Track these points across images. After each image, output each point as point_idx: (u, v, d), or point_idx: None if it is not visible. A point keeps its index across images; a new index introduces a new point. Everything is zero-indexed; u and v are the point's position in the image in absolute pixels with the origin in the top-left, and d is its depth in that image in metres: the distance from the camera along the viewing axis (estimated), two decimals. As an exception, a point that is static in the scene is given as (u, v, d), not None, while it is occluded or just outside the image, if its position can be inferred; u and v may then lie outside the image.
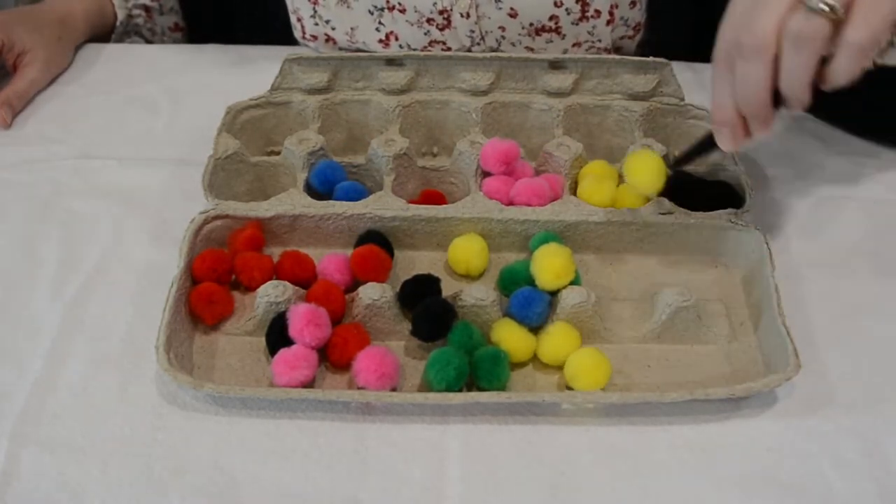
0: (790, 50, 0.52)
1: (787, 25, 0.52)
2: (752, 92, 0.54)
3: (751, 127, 0.57)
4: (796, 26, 0.51)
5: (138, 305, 0.64)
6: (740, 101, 0.56)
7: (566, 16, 0.82)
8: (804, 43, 0.51)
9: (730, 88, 0.56)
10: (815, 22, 0.51)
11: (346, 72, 0.77)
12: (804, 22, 0.51)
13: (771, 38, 0.52)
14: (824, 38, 0.51)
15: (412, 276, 0.63)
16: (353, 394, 0.56)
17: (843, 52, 0.51)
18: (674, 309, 0.60)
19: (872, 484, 0.54)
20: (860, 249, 0.70)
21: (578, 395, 0.57)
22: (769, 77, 0.53)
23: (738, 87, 0.55)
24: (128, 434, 0.56)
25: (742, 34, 0.53)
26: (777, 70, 0.53)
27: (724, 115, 0.57)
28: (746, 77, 0.54)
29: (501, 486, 0.54)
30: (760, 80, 0.53)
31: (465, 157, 0.71)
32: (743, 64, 0.54)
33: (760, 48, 0.52)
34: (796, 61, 0.52)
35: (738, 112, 0.56)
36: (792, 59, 0.52)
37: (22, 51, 0.85)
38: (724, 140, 0.58)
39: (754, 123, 0.56)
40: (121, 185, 0.75)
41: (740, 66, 0.54)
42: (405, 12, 0.82)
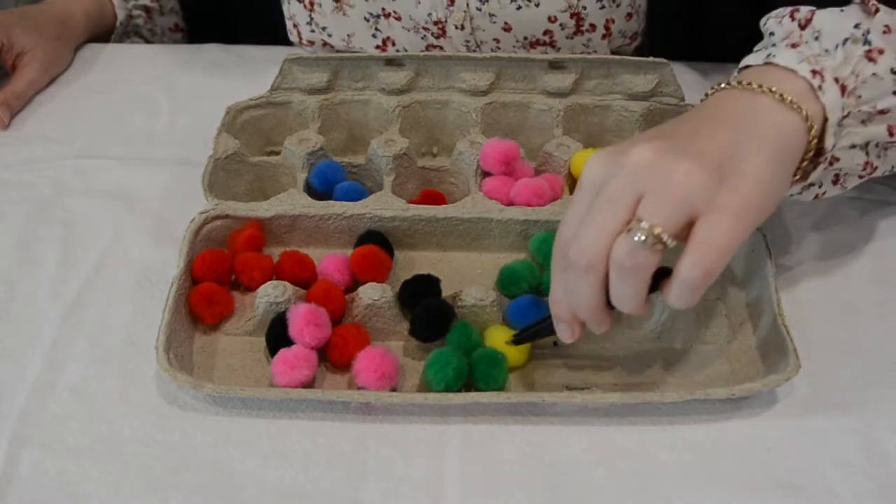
0: (615, 276, 0.48)
1: (613, 251, 0.48)
2: (581, 303, 0.51)
3: (588, 325, 0.53)
4: (621, 256, 0.47)
5: (138, 305, 0.64)
6: (571, 307, 0.52)
7: (560, 30, 0.81)
8: (627, 274, 0.48)
9: (563, 290, 0.53)
10: (640, 255, 0.47)
11: (345, 72, 0.77)
12: (629, 254, 0.47)
13: (597, 260, 0.48)
14: (650, 268, 0.48)
15: (412, 276, 0.63)
16: (353, 394, 0.56)
17: (676, 283, 0.48)
18: (674, 309, 0.60)
19: (872, 484, 0.54)
20: (860, 249, 0.70)
21: (578, 395, 0.57)
22: (597, 293, 0.50)
23: (568, 296, 0.52)
24: (128, 434, 0.56)
25: (572, 247, 0.50)
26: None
27: (559, 311, 0.54)
28: (575, 290, 0.51)
29: (501, 486, 0.54)
30: (588, 295, 0.50)
31: (465, 157, 0.71)
32: (572, 277, 0.51)
33: (587, 268, 0.49)
34: (624, 288, 0.49)
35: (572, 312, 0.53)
36: (618, 284, 0.49)
37: (21, 51, 0.85)
38: (563, 334, 0.55)
39: (590, 325, 0.53)
40: (121, 185, 0.75)
41: (569, 278, 0.51)
42: (401, 20, 0.82)
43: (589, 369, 0.61)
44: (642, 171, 0.48)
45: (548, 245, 0.65)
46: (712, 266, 0.47)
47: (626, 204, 0.48)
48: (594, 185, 0.50)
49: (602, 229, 0.48)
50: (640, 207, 0.48)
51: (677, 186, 0.47)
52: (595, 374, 0.60)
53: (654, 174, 0.48)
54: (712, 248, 0.47)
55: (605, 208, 0.49)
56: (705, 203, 0.47)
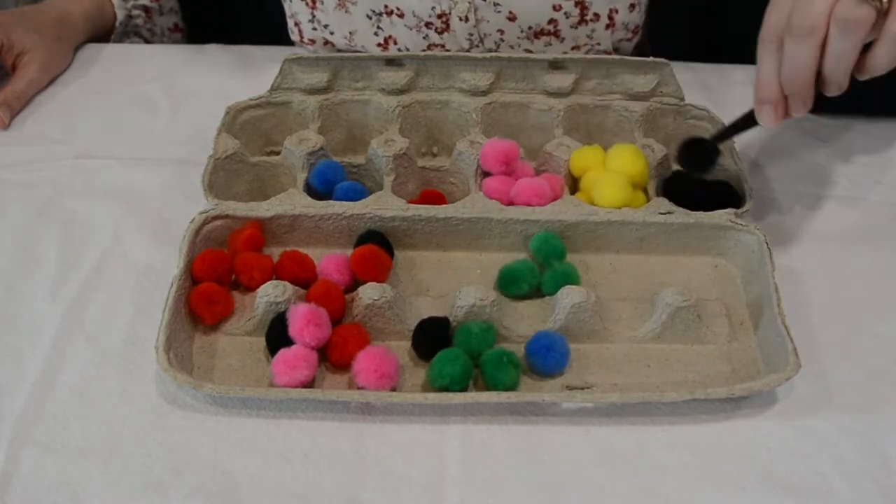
0: (837, 34, 0.55)
1: (836, 11, 0.54)
2: (798, 72, 0.57)
3: (791, 106, 0.60)
4: (845, 13, 0.54)
5: (138, 305, 0.64)
6: (785, 80, 0.58)
7: (565, 19, 0.82)
8: (851, 29, 0.54)
9: (776, 67, 0.59)
10: (863, 10, 0.54)
11: (345, 72, 0.77)
12: (852, 9, 0.54)
13: (822, 21, 0.55)
14: (869, 25, 0.54)
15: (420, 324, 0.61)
16: (353, 394, 0.56)
17: (884, 41, 0.55)
18: (674, 309, 0.60)
19: (872, 484, 0.54)
20: (860, 249, 0.70)
21: (578, 394, 0.57)
22: (816, 58, 0.56)
23: (786, 66, 0.58)
24: (128, 434, 0.56)
25: (794, 16, 0.56)
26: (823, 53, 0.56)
27: (769, 92, 0.60)
28: (795, 57, 0.57)
29: (501, 486, 0.54)
30: (808, 60, 0.56)
31: (465, 157, 0.71)
32: (792, 44, 0.57)
33: (812, 30, 0.55)
34: (842, 46, 0.55)
35: (781, 90, 0.59)
36: (838, 43, 0.55)
37: (21, 51, 0.85)
38: (766, 117, 0.61)
39: (796, 102, 0.59)
40: (121, 185, 0.75)
41: (789, 47, 0.57)
42: (403, 16, 0.82)
43: (589, 369, 0.61)
44: None
45: (548, 245, 0.65)
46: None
47: None
48: None
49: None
50: None
51: None
52: (595, 374, 0.60)
53: None
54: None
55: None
56: None
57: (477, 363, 0.59)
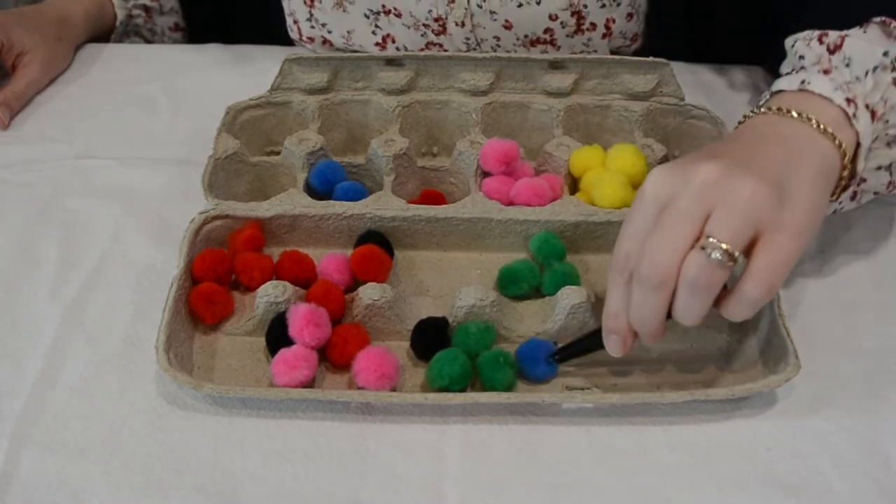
0: (686, 291, 0.50)
1: (686, 267, 0.49)
2: (646, 317, 0.52)
3: (641, 338, 0.54)
4: (694, 273, 0.49)
5: (138, 305, 0.64)
6: (633, 320, 0.53)
7: (561, 29, 0.81)
8: (700, 290, 0.49)
9: (624, 301, 0.53)
10: (714, 272, 0.48)
11: (345, 72, 0.77)
12: (702, 271, 0.48)
13: (671, 275, 0.49)
14: (720, 284, 0.49)
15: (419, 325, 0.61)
16: (353, 394, 0.56)
17: (737, 299, 0.50)
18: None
19: (872, 484, 0.54)
20: (860, 249, 0.70)
21: (578, 394, 0.57)
22: (665, 306, 0.51)
23: (633, 309, 0.52)
24: (128, 434, 0.56)
25: (643, 264, 0.50)
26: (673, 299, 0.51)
27: (616, 324, 0.54)
28: (642, 304, 0.51)
29: (501, 486, 0.54)
30: (655, 310, 0.51)
31: (465, 157, 0.71)
32: (640, 292, 0.51)
33: (660, 284, 0.50)
34: (691, 302, 0.50)
35: (629, 324, 0.53)
36: (687, 299, 0.50)
37: (21, 51, 0.85)
38: (613, 347, 0.55)
39: (645, 337, 0.54)
40: (121, 185, 0.75)
41: (638, 292, 0.51)
42: (401, 16, 0.82)
43: (589, 369, 0.61)
44: (711, 186, 0.49)
45: (548, 245, 0.65)
46: (774, 284, 0.49)
47: (697, 219, 0.49)
48: (659, 200, 0.51)
49: (675, 245, 0.49)
50: (709, 223, 0.49)
51: (745, 203, 0.49)
52: (595, 374, 0.60)
53: (724, 190, 0.49)
54: (775, 266, 0.49)
55: (675, 224, 0.49)
56: (770, 221, 0.49)
57: (476, 363, 0.59)
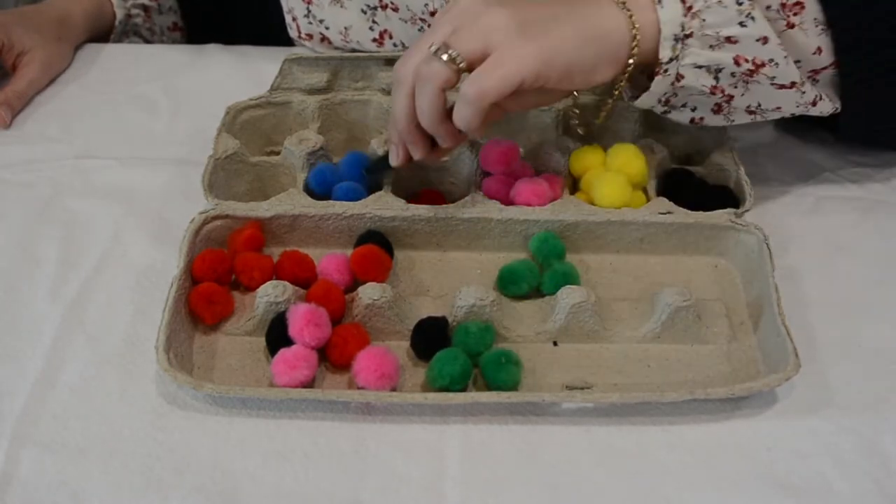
0: (417, 87, 0.59)
1: (418, 66, 0.59)
2: (398, 118, 0.61)
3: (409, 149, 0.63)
4: (420, 68, 0.58)
5: (138, 305, 0.64)
6: (391, 123, 0.63)
7: None
8: (423, 82, 0.58)
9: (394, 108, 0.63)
10: (435, 66, 0.57)
11: (345, 72, 0.77)
12: (427, 66, 0.58)
13: (408, 73, 0.59)
14: (442, 80, 0.57)
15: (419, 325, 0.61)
16: (353, 394, 0.56)
17: (458, 100, 0.58)
18: (674, 309, 0.60)
19: (872, 484, 0.54)
20: (860, 249, 0.70)
21: (578, 394, 0.57)
22: (409, 107, 0.60)
23: (392, 113, 0.62)
24: (128, 434, 0.56)
25: (397, 66, 0.61)
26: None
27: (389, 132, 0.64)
28: (393, 103, 0.61)
29: (501, 486, 0.54)
30: (402, 108, 0.61)
31: (465, 157, 0.71)
32: (394, 91, 0.61)
33: (400, 80, 0.60)
34: (420, 97, 0.59)
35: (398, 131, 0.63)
36: (418, 94, 0.59)
37: (21, 51, 0.85)
38: (392, 155, 0.65)
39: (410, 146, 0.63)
40: (121, 185, 0.75)
41: (393, 93, 0.62)
42: (398, 10, 0.82)
43: (589, 369, 0.61)
44: (462, 10, 0.59)
45: (548, 245, 0.65)
46: (485, 89, 0.56)
47: (442, 34, 0.58)
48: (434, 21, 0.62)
49: (419, 49, 0.59)
50: (449, 36, 0.58)
51: (482, 24, 0.58)
52: (595, 374, 0.60)
53: (470, 13, 0.59)
54: (489, 75, 0.56)
55: (426, 36, 0.60)
56: (500, 42, 0.57)
57: (476, 363, 0.59)
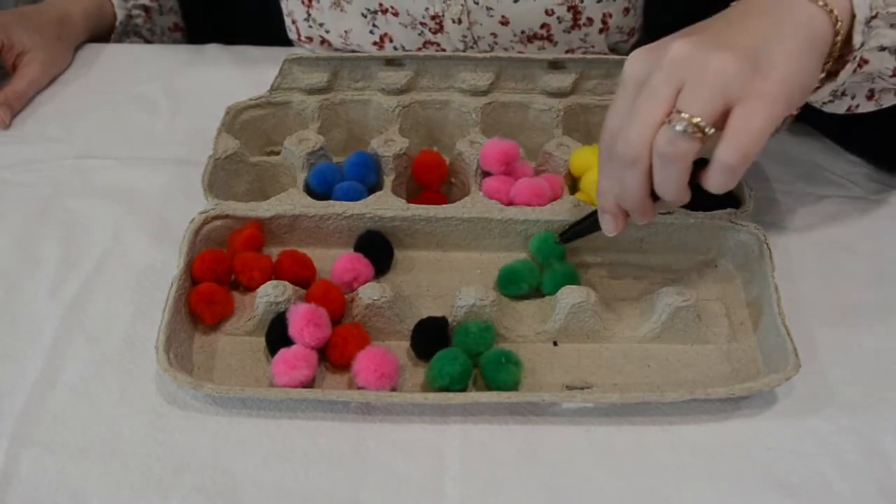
0: (659, 165, 0.52)
1: (656, 142, 0.51)
2: (628, 194, 0.55)
3: (632, 217, 0.58)
4: (663, 146, 0.51)
5: (138, 305, 0.64)
6: (619, 199, 0.56)
7: (557, 24, 0.81)
8: (670, 162, 0.51)
9: (612, 181, 0.56)
10: (681, 144, 0.50)
11: (345, 72, 0.77)
12: (670, 142, 0.50)
13: (642, 151, 0.52)
14: (692, 156, 0.51)
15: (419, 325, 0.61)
16: (353, 394, 0.56)
17: (715, 168, 0.51)
18: (674, 309, 0.60)
19: (872, 484, 0.54)
20: (859, 249, 0.70)
21: (578, 394, 0.57)
22: (645, 184, 0.53)
23: (617, 188, 0.55)
24: (128, 434, 0.56)
25: (618, 141, 0.53)
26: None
27: (605, 203, 0.58)
28: (623, 181, 0.54)
29: (501, 486, 0.54)
30: (634, 186, 0.54)
31: (465, 157, 0.71)
32: (619, 169, 0.54)
33: (634, 160, 0.52)
34: (666, 175, 0.52)
35: (618, 203, 0.57)
36: (661, 172, 0.52)
37: (22, 51, 0.85)
38: (607, 226, 0.59)
39: (634, 216, 0.57)
40: (121, 185, 0.75)
41: (618, 170, 0.54)
42: (398, 15, 0.82)
43: (589, 369, 0.61)
44: (680, 63, 0.51)
45: (547, 245, 0.65)
46: (748, 150, 0.50)
47: (667, 96, 0.51)
48: (636, 80, 0.53)
49: (646, 122, 0.51)
50: (679, 99, 0.51)
51: (713, 75, 0.50)
52: (595, 374, 0.60)
53: (692, 65, 0.51)
54: (748, 133, 0.49)
55: (647, 102, 0.52)
56: (740, 90, 0.50)
57: (476, 363, 0.59)
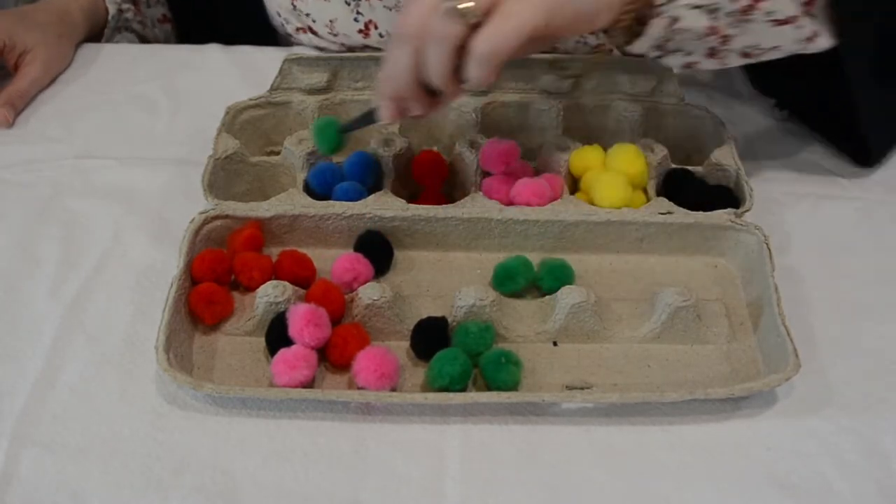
0: (427, 45, 0.55)
1: (426, 22, 0.54)
2: (399, 75, 0.57)
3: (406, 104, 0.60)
4: (432, 25, 0.54)
5: (138, 305, 0.64)
6: (389, 80, 0.59)
7: None
8: (436, 41, 0.54)
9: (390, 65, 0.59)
10: (448, 24, 0.53)
11: (345, 72, 0.77)
12: (438, 23, 0.54)
13: (414, 30, 0.55)
14: (455, 38, 0.54)
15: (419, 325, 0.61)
16: (353, 394, 0.56)
17: (470, 59, 0.54)
18: (674, 309, 0.60)
19: (872, 484, 0.54)
20: (860, 249, 0.70)
21: (578, 394, 0.57)
22: (412, 64, 0.56)
23: (389, 69, 0.58)
24: (128, 434, 0.56)
25: (398, 23, 0.56)
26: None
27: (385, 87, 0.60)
28: (396, 61, 0.57)
29: (501, 486, 0.54)
30: (405, 65, 0.56)
31: (465, 157, 0.71)
32: (394, 49, 0.57)
33: (405, 38, 0.56)
34: (431, 56, 0.55)
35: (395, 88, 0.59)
36: (428, 53, 0.55)
37: (23, 50, 0.85)
38: (384, 112, 0.61)
39: (409, 103, 0.59)
40: (121, 185, 0.75)
41: (392, 51, 0.57)
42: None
43: (589, 369, 0.61)
44: None
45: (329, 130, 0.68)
46: (499, 44, 0.53)
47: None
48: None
49: (423, 4, 0.55)
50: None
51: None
52: (595, 374, 0.60)
53: None
54: (501, 27, 0.53)
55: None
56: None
57: (476, 363, 0.59)
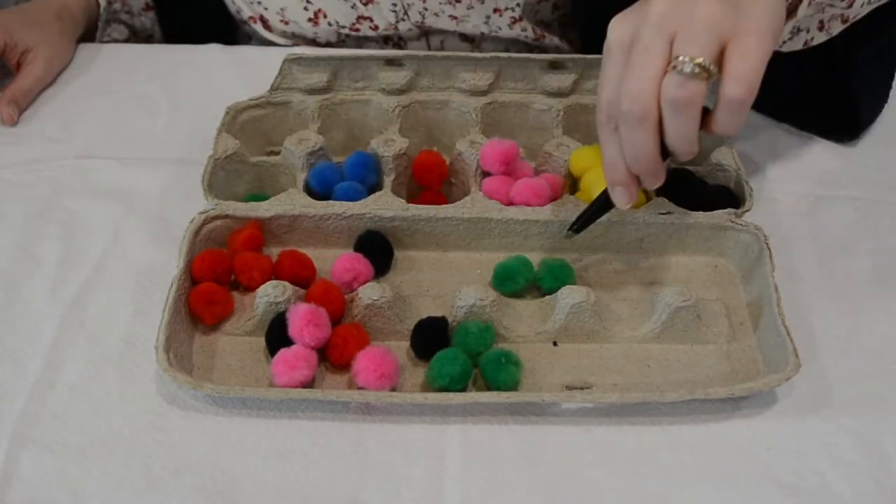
0: (670, 115, 0.52)
1: (664, 91, 0.51)
2: (640, 155, 0.54)
3: (643, 182, 0.57)
4: (672, 93, 0.51)
5: (138, 305, 0.64)
6: (630, 163, 0.55)
7: None
8: (682, 108, 0.51)
9: (618, 148, 0.56)
10: (691, 86, 0.50)
11: (345, 72, 0.77)
12: (679, 88, 0.51)
13: (652, 105, 0.52)
14: (701, 98, 0.51)
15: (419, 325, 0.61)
16: (353, 394, 0.56)
17: (723, 107, 0.52)
18: (673, 309, 0.60)
19: (872, 484, 0.54)
20: (860, 249, 0.70)
21: (578, 394, 0.57)
22: (655, 140, 0.53)
23: (627, 151, 0.55)
24: (128, 434, 0.56)
25: (623, 101, 0.53)
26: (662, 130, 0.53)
27: (617, 174, 0.57)
28: (633, 142, 0.54)
29: (501, 486, 0.54)
30: (647, 143, 0.53)
31: (465, 157, 0.71)
32: (627, 130, 0.54)
33: (643, 116, 0.52)
34: (678, 123, 0.52)
35: (629, 171, 0.56)
36: (674, 122, 0.52)
37: (25, 49, 0.85)
38: (620, 198, 0.58)
39: (646, 180, 0.57)
40: (121, 185, 0.75)
41: (625, 132, 0.54)
42: None
43: (589, 369, 0.61)
44: (667, 15, 0.52)
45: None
46: (752, 82, 0.51)
47: (662, 48, 0.52)
48: (622, 43, 0.54)
49: (647, 76, 0.52)
50: (675, 47, 0.51)
51: (703, 19, 0.51)
52: (595, 374, 0.60)
53: (680, 14, 0.52)
54: (748, 66, 0.51)
55: (643, 57, 0.52)
56: (730, 29, 0.51)
57: (476, 363, 0.59)
